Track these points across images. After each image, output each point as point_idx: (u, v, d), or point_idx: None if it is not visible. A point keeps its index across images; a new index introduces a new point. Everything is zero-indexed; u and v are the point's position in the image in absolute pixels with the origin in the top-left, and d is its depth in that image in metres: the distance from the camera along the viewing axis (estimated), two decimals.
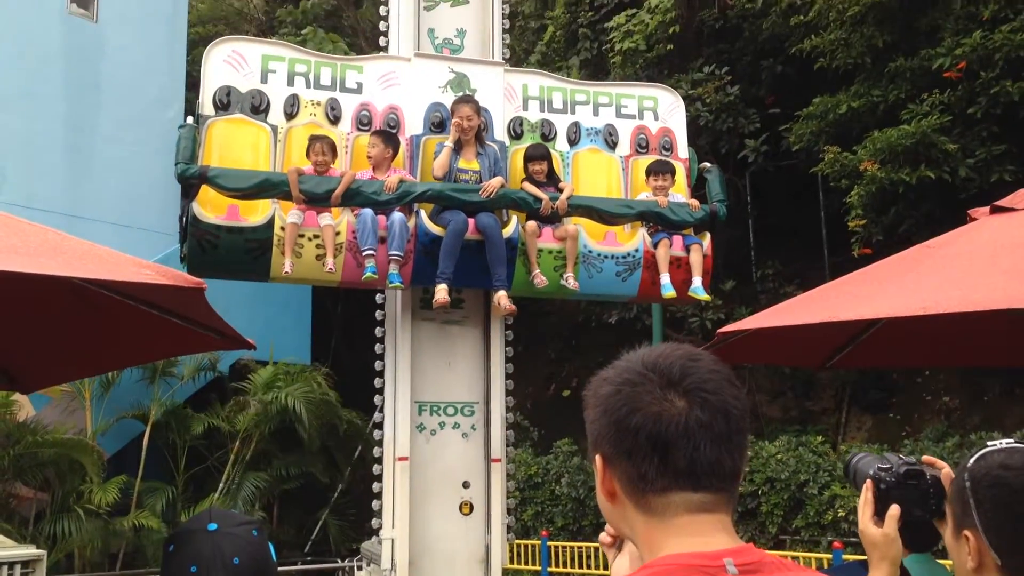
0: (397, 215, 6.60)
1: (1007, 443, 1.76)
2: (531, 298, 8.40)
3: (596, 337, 12.97)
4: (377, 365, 7.16)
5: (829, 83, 10.69)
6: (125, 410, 11.77)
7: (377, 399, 7.15)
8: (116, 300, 3.54)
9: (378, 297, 7.28)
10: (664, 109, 7.82)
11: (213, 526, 2.16)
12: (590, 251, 7.09)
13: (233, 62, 6.93)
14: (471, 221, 6.71)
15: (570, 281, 6.94)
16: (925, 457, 2.13)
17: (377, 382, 7.14)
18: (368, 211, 6.57)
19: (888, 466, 2.09)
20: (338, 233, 6.57)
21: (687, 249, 7.20)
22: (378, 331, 7.19)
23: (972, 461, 1.76)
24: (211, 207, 6.46)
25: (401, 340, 7.05)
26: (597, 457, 1.33)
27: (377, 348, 7.18)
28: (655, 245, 7.14)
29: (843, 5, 9.91)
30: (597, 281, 7.16)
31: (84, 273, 3.08)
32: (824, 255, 12.08)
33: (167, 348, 5.14)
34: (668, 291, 7.10)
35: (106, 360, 4.84)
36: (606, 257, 7.13)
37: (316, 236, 6.55)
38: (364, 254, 6.52)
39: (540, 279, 6.92)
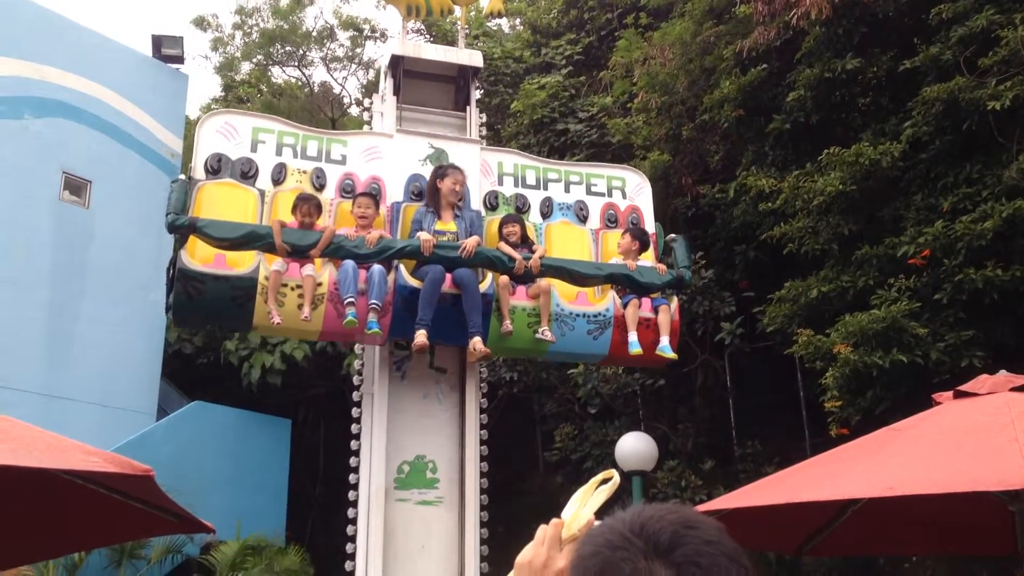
0: (376, 267, 6.85)
1: None
2: (509, 473, 8.34)
3: None
4: (349, 548, 6.99)
5: (800, 268, 11.01)
6: None
7: None
8: (74, 483, 3.51)
9: (352, 477, 7.19)
10: (632, 188, 8.28)
11: None
12: (562, 310, 7.35)
13: (225, 132, 7.32)
14: (448, 275, 6.92)
15: (546, 333, 7.18)
16: None
17: (348, 565, 6.94)
18: (350, 262, 6.80)
19: None
20: (320, 284, 6.80)
21: (655, 310, 7.48)
22: (351, 512, 7.07)
23: None
24: (199, 257, 6.65)
25: (374, 522, 6.92)
26: None
27: (349, 529, 7.03)
28: (625, 306, 7.41)
29: (808, 195, 10.35)
30: (569, 339, 7.37)
31: (32, 462, 3.09)
32: (805, 435, 12.06)
33: (126, 531, 5.05)
34: (635, 348, 7.29)
35: (65, 542, 4.72)
36: (578, 316, 7.39)
37: (299, 286, 6.77)
38: (345, 302, 6.68)
39: (507, 326, 7.14)
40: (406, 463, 7.38)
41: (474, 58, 8.68)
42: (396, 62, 8.40)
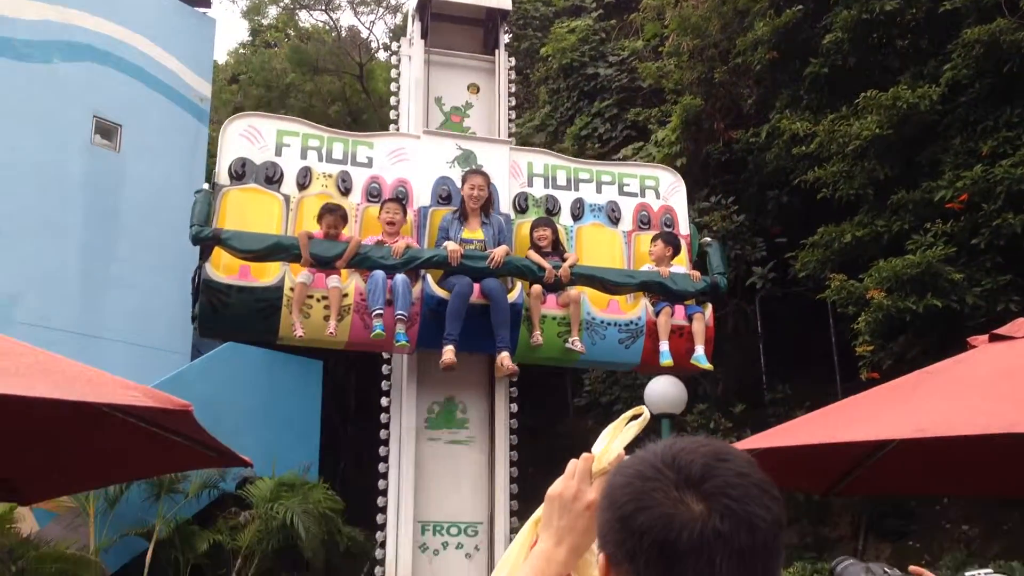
0: (400, 276, 6.79)
1: (985, 573, 1.78)
2: (540, 417, 8.41)
3: None
4: (381, 484, 7.13)
5: (833, 213, 10.89)
6: (130, 527, 11.62)
7: (380, 518, 7.10)
8: (115, 417, 3.59)
9: (383, 416, 7.31)
10: (665, 188, 8.10)
11: None
12: (593, 318, 7.24)
13: (249, 136, 7.25)
14: (476, 286, 6.86)
15: (576, 344, 7.08)
16: (913, 568, 2.12)
17: (380, 501, 7.09)
18: (380, 272, 6.75)
19: None
20: (345, 295, 6.75)
21: (689, 318, 7.34)
22: (382, 450, 7.20)
23: None
24: (223, 268, 6.66)
25: (405, 459, 7.05)
26: (601, 556, 1.17)
27: (381, 467, 7.17)
28: (657, 314, 7.28)
29: (844, 139, 10.19)
30: (600, 348, 7.30)
31: (73, 395, 3.15)
32: (836, 380, 12.03)
33: (167, 464, 5.17)
34: (666, 359, 7.21)
35: (109, 473, 4.85)
36: (609, 324, 7.28)
37: (324, 297, 6.72)
38: (373, 314, 6.66)
39: (537, 338, 7.05)
40: (436, 404, 7.47)
41: (502, 0, 8.56)
42: (424, 5, 8.32)
